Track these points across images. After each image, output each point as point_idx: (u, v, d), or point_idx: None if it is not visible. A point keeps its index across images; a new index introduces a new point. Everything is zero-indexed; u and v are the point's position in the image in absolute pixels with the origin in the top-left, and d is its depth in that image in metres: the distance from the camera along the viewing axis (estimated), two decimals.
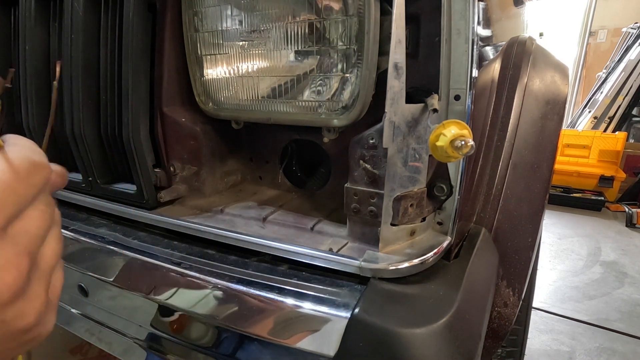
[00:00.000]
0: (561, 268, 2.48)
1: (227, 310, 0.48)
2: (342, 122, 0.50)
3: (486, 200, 0.63)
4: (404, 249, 0.49)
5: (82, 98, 0.61)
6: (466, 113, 0.46)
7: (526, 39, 0.83)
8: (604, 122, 4.29)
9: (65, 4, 0.59)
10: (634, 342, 1.75)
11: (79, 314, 0.65)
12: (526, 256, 0.62)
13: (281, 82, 0.53)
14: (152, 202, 0.62)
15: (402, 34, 0.42)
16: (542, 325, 1.87)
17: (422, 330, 0.38)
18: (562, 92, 0.79)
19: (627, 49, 4.30)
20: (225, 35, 0.55)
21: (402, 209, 0.47)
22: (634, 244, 2.89)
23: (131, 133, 0.58)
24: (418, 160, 0.47)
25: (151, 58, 0.58)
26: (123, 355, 0.63)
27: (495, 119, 0.69)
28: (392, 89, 0.43)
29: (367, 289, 0.44)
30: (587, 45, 5.77)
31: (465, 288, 0.45)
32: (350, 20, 0.46)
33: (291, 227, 0.58)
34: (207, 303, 0.49)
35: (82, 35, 0.58)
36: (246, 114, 0.58)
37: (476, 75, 0.48)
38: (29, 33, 0.65)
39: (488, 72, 0.70)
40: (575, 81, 5.83)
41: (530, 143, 0.69)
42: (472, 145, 0.39)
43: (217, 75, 0.58)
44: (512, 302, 0.60)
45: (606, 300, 2.10)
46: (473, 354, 0.42)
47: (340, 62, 0.49)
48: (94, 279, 0.59)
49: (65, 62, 0.62)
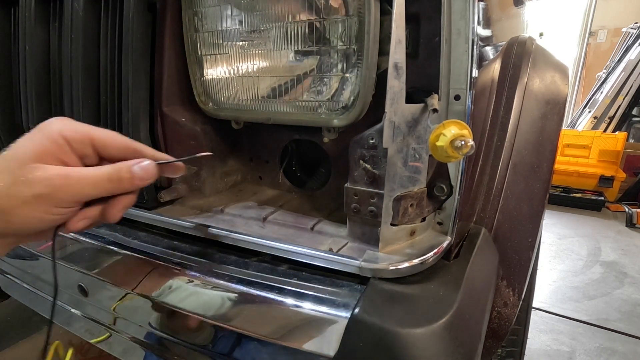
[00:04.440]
0: (561, 268, 2.48)
1: (226, 310, 0.48)
2: (342, 122, 0.50)
3: (486, 200, 0.63)
4: (404, 249, 0.49)
5: (82, 98, 0.61)
6: (466, 113, 0.46)
7: (526, 39, 0.83)
8: (604, 122, 4.29)
9: (65, 4, 0.59)
10: (634, 342, 1.75)
11: (79, 314, 0.65)
12: (526, 256, 0.62)
13: (281, 82, 0.53)
14: (152, 202, 0.62)
15: (402, 34, 0.42)
16: (542, 325, 1.87)
17: (422, 330, 0.38)
18: (562, 92, 0.79)
19: (627, 49, 4.30)
20: (225, 35, 0.55)
21: (402, 209, 0.47)
22: (634, 244, 2.89)
23: (131, 133, 0.58)
24: (418, 160, 0.47)
25: (151, 58, 0.58)
26: (123, 355, 0.63)
27: (495, 119, 0.69)
28: (392, 89, 0.43)
29: (367, 289, 0.44)
30: (587, 45, 5.77)
31: (465, 288, 0.45)
32: (350, 20, 0.46)
33: (291, 227, 0.58)
34: (207, 303, 0.49)
35: (82, 35, 0.59)
36: (246, 114, 0.58)
37: (476, 75, 0.48)
38: (29, 33, 0.65)
39: (488, 72, 0.70)
40: (575, 81, 5.83)
41: (530, 143, 0.69)
42: (472, 145, 0.39)
43: (217, 75, 0.58)
44: (512, 302, 0.60)
45: (606, 300, 2.10)
46: (473, 354, 0.42)
47: (340, 62, 0.49)
48: (94, 279, 0.59)
49: (65, 62, 0.62)
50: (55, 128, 0.38)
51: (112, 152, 0.41)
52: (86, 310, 0.64)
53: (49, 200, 0.36)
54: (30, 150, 0.37)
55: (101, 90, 0.61)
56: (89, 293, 0.61)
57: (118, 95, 0.59)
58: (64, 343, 1.03)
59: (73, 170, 0.37)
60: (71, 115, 0.62)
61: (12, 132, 0.76)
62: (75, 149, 0.39)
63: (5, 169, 0.35)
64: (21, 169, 0.35)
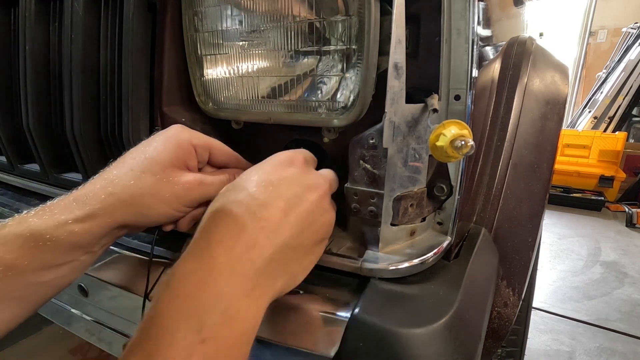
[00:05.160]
0: (561, 268, 2.48)
1: None
2: (342, 122, 0.50)
3: (486, 200, 0.63)
4: (404, 249, 0.49)
5: (82, 98, 0.61)
6: (466, 113, 0.46)
7: (526, 39, 0.83)
8: (604, 122, 4.29)
9: (65, 4, 0.59)
10: (634, 342, 1.75)
11: (79, 314, 0.65)
12: (526, 256, 0.62)
13: (281, 82, 0.53)
14: None
15: (402, 34, 0.42)
16: (542, 325, 1.87)
17: (422, 330, 0.38)
18: (562, 92, 0.79)
19: (627, 49, 4.30)
20: (225, 35, 0.55)
21: (402, 209, 0.47)
22: (634, 244, 2.90)
23: (131, 133, 0.58)
24: (418, 160, 0.47)
25: (151, 58, 0.58)
26: None
27: (495, 119, 0.69)
28: (392, 89, 0.43)
29: (367, 289, 0.44)
30: (587, 45, 5.77)
31: (465, 288, 0.45)
32: (350, 20, 0.46)
33: None
34: None
35: (82, 35, 0.59)
36: (246, 114, 0.58)
37: (476, 75, 0.48)
38: (29, 33, 0.65)
39: (488, 72, 0.70)
40: (575, 81, 5.83)
41: (530, 143, 0.69)
42: (472, 145, 0.39)
43: (217, 75, 0.58)
44: (512, 302, 0.60)
45: (606, 300, 2.10)
46: (473, 354, 0.42)
47: (340, 62, 0.48)
48: (94, 279, 0.59)
49: (65, 62, 0.62)
50: (185, 137, 0.45)
51: (221, 159, 0.50)
52: (86, 310, 0.64)
53: (183, 200, 0.43)
54: (168, 156, 0.43)
55: (101, 90, 0.61)
56: (89, 293, 0.61)
57: (118, 95, 0.59)
58: (64, 343, 1.03)
59: (204, 176, 0.45)
60: (71, 115, 0.62)
61: (11, 132, 0.76)
62: (199, 154, 0.46)
63: (149, 170, 0.41)
64: (163, 172, 0.42)
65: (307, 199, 0.39)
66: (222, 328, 0.29)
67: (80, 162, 0.66)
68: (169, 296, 0.30)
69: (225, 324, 0.29)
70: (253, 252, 0.33)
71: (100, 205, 0.39)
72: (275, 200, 0.36)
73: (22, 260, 0.36)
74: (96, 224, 0.39)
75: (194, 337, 0.28)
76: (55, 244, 0.37)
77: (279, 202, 0.36)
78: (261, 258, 0.33)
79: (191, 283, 0.30)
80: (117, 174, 0.41)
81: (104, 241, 0.42)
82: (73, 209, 0.39)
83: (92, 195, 0.40)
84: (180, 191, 0.42)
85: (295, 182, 0.39)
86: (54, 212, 0.38)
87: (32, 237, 0.36)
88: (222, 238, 0.33)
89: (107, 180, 0.41)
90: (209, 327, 0.28)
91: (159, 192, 0.41)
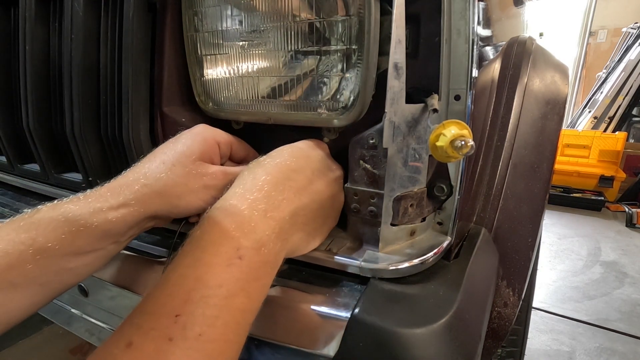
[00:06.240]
0: (561, 268, 2.48)
1: None
2: (342, 122, 0.50)
3: (486, 200, 0.63)
4: (404, 249, 0.49)
5: (82, 98, 0.61)
6: (466, 113, 0.46)
7: (526, 39, 0.83)
8: (604, 122, 4.29)
9: (65, 4, 0.59)
10: (634, 342, 1.75)
11: (79, 314, 0.65)
12: (526, 256, 0.62)
13: (281, 82, 0.53)
14: None
15: (402, 34, 0.42)
16: (542, 325, 1.87)
17: (422, 330, 0.38)
18: (562, 92, 0.79)
19: (627, 49, 4.30)
20: (225, 35, 0.55)
21: (402, 209, 0.47)
22: (634, 244, 2.90)
23: (131, 133, 0.58)
24: (418, 160, 0.47)
25: (151, 58, 0.58)
26: None
27: (495, 119, 0.69)
28: (392, 89, 0.43)
29: (367, 289, 0.44)
30: (587, 45, 5.77)
31: (465, 288, 0.45)
32: (350, 20, 0.46)
33: None
34: None
35: (82, 35, 0.59)
36: (246, 114, 0.58)
37: (476, 75, 0.48)
38: (29, 33, 0.65)
39: (488, 72, 0.70)
40: (575, 81, 5.83)
41: (530, 143, 0.69)
42: (472, 145, 0.39)
43: (217, 75, 0.58)
44: (512, 302, 0.60)
45: (606, 300, 2.10)
46: (473, 354, 0.42)
47: (340, 62, 0.48)
48: (94, 279, 0.59)
49: (65, 62, 0.62)
50: (210, 134, 0.50)
51: (241, 154, 0.55)
52: (86, 310, 0.64)
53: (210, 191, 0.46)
54: (196, 150, 0.46)
55: (101, 90, 0.61)
56: (89, 293, 0.61)
57: (118, 95, 0.59)
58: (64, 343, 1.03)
59: (228, 167, 0.49)
60: (71, 115, 0.62)
61: (11, 132, 0.76)
62: (222, 150, 0.51)
63: (179, 163, 0.45)
64: (192, 164, 0.45)
65: (328, 175, 0.47)
66: (253, 253, 0.35)
67: (80, 162, 0.66)
68: (211, 222, 0.35)
69: (256, 250, 0.35)
70: (283, 203, 0.39)
71: (134, 196, 0.42)
72: (305, 169, 0.44)
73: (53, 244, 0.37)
74: (129, 212, 0.41)
75: (233, 252, 0.34)
76: (88, 230, 0.39)
77: (307, 171, 0.44)
78: (287, 209, 0.39)
79: (232, 216, 0.36)
80: (150, 167, 0.44)
81: (132, 232, 0.43)
82: (107, 198, 0.41)
83: (125, 186, 0.42)
84: (208, 181, 0.46)
85: (321, 160, 0.47)
86: (89, 200, 0.40)
87: (67, 222, 0.38)
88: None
89: (140, 172, 0.44)
90: (245, 249, 0.34)
91: (189, 182, 0.44)
